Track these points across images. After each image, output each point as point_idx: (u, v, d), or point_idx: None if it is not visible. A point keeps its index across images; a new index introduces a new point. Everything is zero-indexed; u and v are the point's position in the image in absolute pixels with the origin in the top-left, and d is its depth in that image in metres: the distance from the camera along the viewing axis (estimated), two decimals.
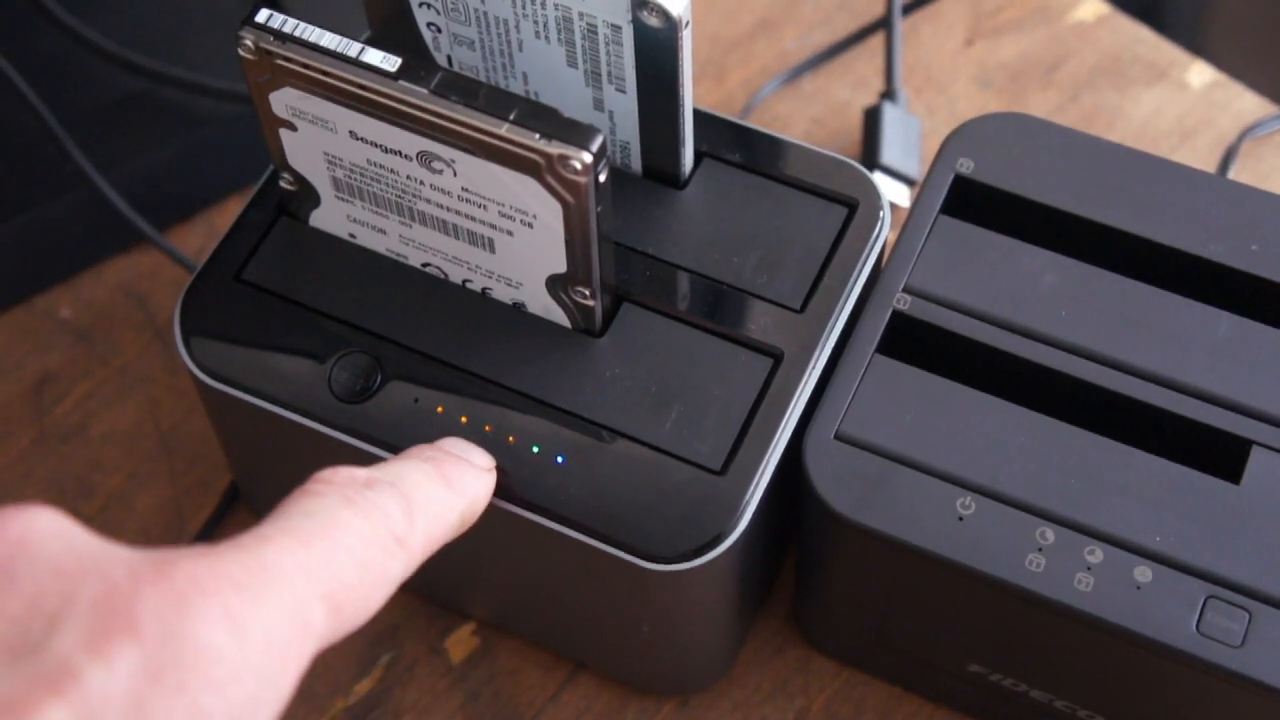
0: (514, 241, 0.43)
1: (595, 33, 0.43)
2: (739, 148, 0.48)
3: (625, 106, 0.45)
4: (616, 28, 0.42)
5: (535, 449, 0.43)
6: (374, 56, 0.40)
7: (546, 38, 0.44)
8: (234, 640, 0.30)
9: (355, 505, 0.36)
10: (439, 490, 0.39)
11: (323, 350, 0.45)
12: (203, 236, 0.62)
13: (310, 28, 0.41)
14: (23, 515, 0.30)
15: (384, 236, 0.46)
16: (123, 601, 0.29)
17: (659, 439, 0.43)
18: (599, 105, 0.45)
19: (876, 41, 0.66)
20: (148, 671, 0.28)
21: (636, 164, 0.47)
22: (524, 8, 0.43)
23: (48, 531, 0.30)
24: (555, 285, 0.44)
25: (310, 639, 0.32)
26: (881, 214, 0.47)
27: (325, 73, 0.41)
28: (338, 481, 0.36)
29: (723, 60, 0.66)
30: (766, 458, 0.43)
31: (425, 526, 0.37)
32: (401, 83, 0.40)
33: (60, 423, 0.58)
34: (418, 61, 0.40)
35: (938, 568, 0.43)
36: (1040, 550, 0.42)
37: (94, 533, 0.31)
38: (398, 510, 0.37)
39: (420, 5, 0.45)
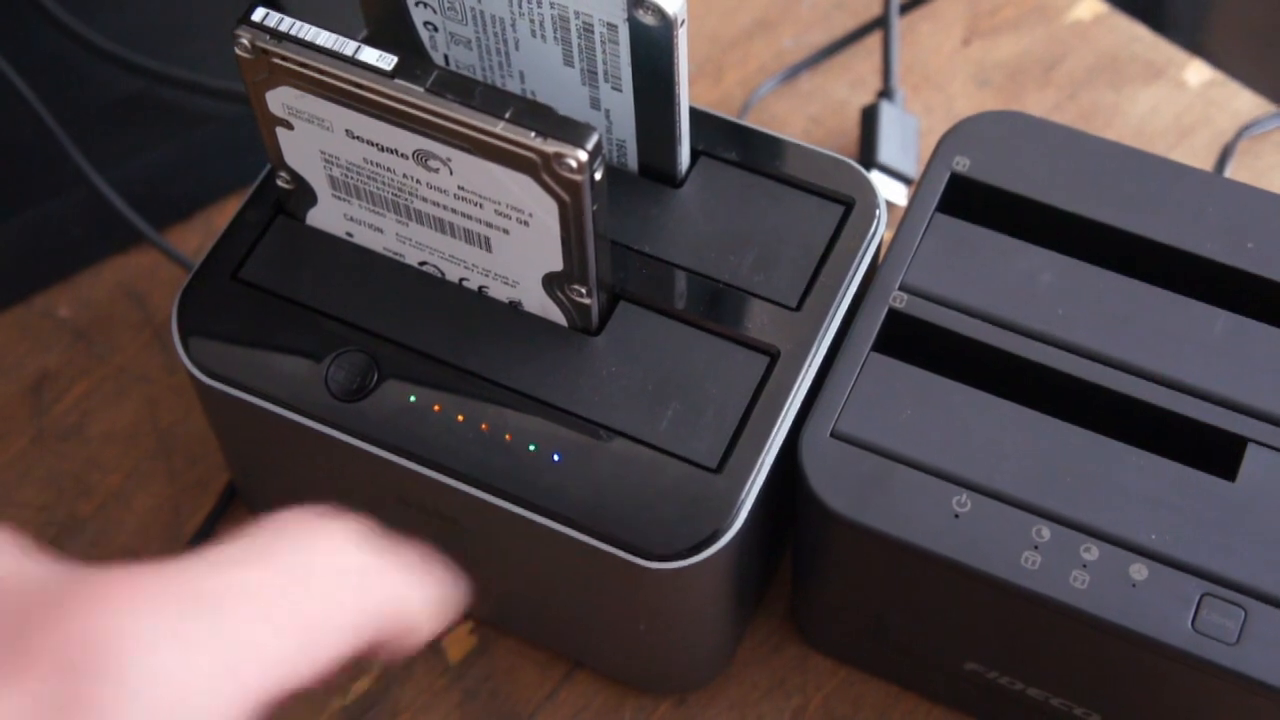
0: (510, 240, 0.43)
1: (591, 31, 0.43)
2: (735, 146, 0.48)
3: (621, 105, 0.45)
4: (613, 26, 0.42)
5: (532, 447, 0.43)
6: (370, 55, 0.40)
7: (543, 36, 0.44)
8: (156, 668, 0.28)
9: None
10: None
11: (319, 349, 0.45)
12: (201, 236, 0.62)
13: (307, 26, 0.41)
14: None
15: (381, 235, 0.46)
16: (36, 621, 0.28)
17: (655, 437, 0.43)
18: (595, 104, 0.45)
19: (874, 40, 0.66)
20: (54, 702, 0.27)
21: (633, 162, 0.47)
22: (520, 6, 0.43)
23: None
24: (552, 283, 0.44)
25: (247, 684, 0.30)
26: (878, 212, 0.47)
27: (322, 71, 0.41)
28: None
29: (720, 59, 0.66)
30: (763, 456, 0.43)
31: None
32: (398, 81, 0.40)
33: (58, 422, 0.58)
34: (414, 60, 0.40)
35: (934, 565, 0.43)
36: (1036, 548, 0.42)
37: (21, 546, 0.30)
38: None
39: (417, 4, 0.45)
